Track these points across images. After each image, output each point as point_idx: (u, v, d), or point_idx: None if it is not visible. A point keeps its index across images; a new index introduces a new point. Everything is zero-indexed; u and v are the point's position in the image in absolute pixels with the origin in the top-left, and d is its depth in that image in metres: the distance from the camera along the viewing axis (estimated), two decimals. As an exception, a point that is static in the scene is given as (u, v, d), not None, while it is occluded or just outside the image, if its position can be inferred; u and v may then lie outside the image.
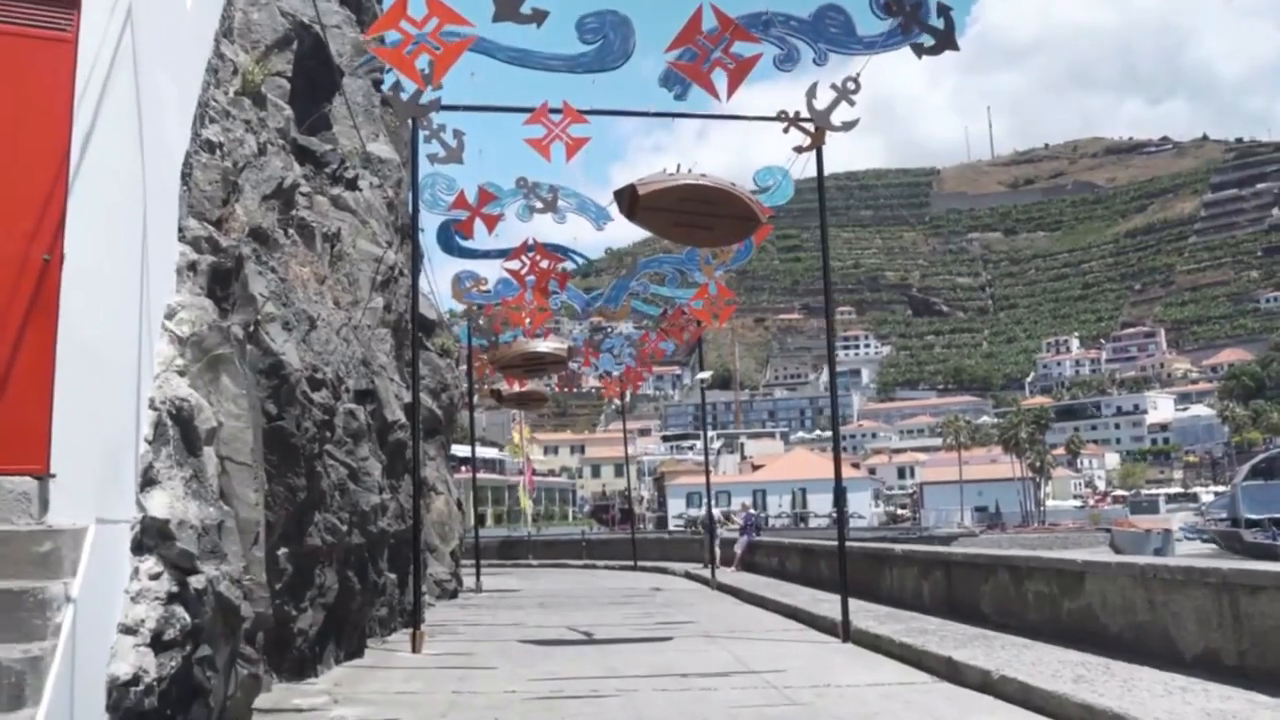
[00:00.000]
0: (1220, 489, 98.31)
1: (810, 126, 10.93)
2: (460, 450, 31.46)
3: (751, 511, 26.74)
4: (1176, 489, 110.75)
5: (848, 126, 10.34)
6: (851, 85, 10.26)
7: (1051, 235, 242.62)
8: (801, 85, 11.02)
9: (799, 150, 11.05)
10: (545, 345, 19.18)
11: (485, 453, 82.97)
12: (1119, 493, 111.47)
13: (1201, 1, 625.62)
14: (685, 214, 11.19)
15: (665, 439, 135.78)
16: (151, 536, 5.89)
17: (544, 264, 14.56)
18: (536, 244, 14.39)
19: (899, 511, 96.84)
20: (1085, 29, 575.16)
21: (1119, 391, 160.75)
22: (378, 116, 18.70)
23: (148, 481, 6.08)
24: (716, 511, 35.52)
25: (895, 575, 13.51)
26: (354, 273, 13.87)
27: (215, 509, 6.57)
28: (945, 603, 11.85)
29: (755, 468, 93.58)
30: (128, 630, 5.38)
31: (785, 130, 10.97)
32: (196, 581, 6.02)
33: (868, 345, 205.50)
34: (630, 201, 11.15)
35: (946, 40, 9.94)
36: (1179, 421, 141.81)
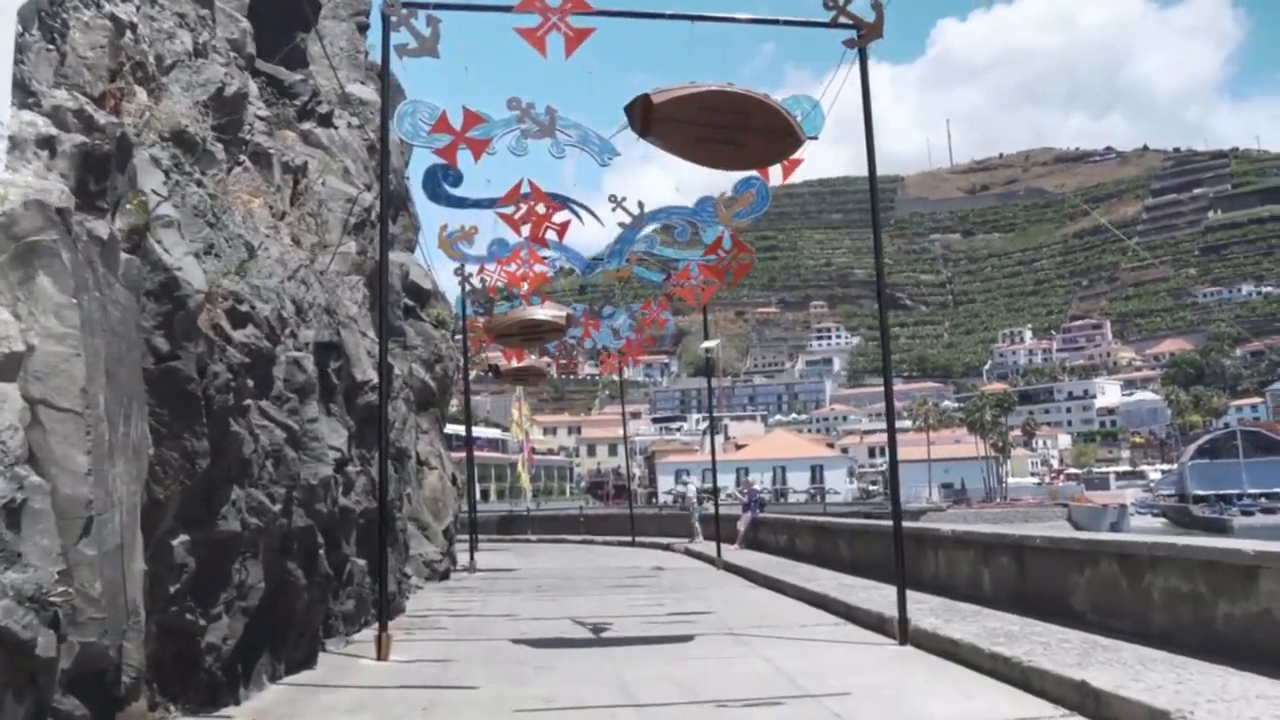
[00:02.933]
0: (1167, 467, 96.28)
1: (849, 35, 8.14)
2: (461, 430, 28.76)
3: (756, 488, 23.89)
4: (1125, 467, 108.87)
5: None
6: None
7: (1006, 236, 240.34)
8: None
9: (849, 44, 8.18)
10: (543, 313, 16.31)
11: (489, 433, 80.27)
12: (1072, 470, 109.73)
13: (1141, 23, 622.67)
14: (710, 127, 8.31)
15: (655, 421, 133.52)
16: None
17: (540, 208, 11.65)
18: (533, 186, 11.48)
19: (870, 487, 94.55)
20: (1035, 50, 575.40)
21: (1069, 378, 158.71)
22: (362, 63, 15.79)
23: None
24: (692, 489, 32.64)
25: (942, 560, 10.70)
26: (322, 213, 10.96)
27: (7, 481, 3.72)
28: (1015, 595, 9.04)
29: (738, 447, 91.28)
30: None
31: (833, 21, 8.12)
32: (-64, 605, 3.18)
33: (839, 336, 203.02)
34: (643, 115, 8.27)
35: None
36: (1125, 405, 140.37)
